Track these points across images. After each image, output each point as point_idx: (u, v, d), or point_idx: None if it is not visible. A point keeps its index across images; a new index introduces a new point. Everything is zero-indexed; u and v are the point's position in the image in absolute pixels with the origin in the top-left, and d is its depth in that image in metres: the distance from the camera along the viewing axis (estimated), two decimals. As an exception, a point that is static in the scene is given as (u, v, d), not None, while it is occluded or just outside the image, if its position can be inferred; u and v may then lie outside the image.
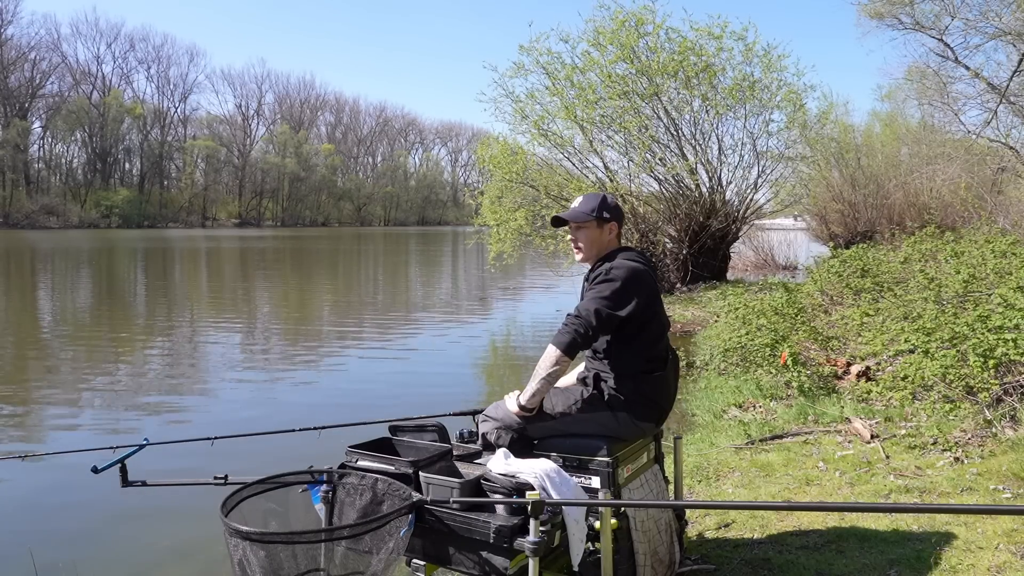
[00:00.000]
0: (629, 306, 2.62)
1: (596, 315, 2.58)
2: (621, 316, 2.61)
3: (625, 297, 2.62)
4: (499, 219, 16.07)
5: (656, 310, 2.74)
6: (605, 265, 2.73)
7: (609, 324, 2.61)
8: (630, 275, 2.66)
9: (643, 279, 2.69)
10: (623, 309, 2.61)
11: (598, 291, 2.64)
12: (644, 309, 2.66)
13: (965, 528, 3.19)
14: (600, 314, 2.59)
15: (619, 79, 15.21)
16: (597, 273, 2.73)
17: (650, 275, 2.76)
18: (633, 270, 2.68)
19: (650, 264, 2.85)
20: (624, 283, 2.63)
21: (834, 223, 23.30)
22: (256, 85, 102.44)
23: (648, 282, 2.72)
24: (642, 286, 2.67)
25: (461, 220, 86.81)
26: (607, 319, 2.60)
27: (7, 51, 77.00)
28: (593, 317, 2.58)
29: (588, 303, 2.63)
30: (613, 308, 2.60)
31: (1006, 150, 14.78)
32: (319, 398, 7.59)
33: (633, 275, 2.66)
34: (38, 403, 7.37)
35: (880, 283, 8.91)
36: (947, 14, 14.39)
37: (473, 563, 2.29)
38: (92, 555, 4.01)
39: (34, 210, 71.41)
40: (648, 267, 2.79)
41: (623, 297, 2.62)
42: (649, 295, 2.69)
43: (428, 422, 2.80)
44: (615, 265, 2.70)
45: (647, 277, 2.73)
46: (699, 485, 4.20)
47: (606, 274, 2.68)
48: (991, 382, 4.54)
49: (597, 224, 2.83)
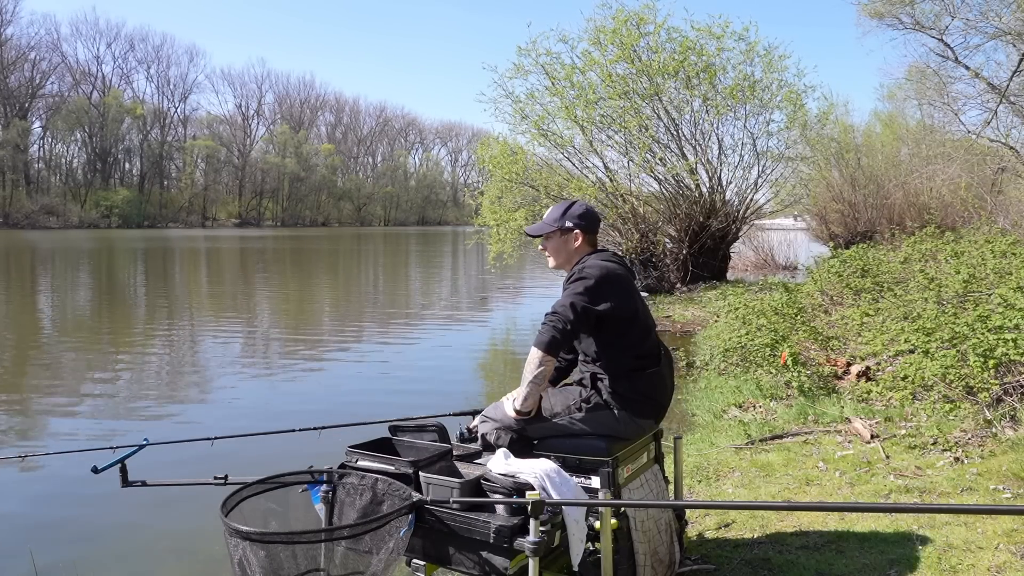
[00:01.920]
0: (604, 302, 2.64)
1: (572, 309, 2.60)
2: (598, 310, 2.63)
3: (599, 293, 2.65)
4: (499, 219, 16.07)
5: (635, 307, 2.75)
6: (577, 266, 2.78)
7: (586, 317, 2.62)
8: (602, 273, 2.69)
9: (616, 277, 2.72)
10: (598, 304, 2.64)
11: (572, 288, 2.68)
12: (621, 305, 2.68)
13: (965, 528, 3.19)
14: (576, 307, 2.60)
15: (619, 79, 15.22)
16: (571, 274, 2.77)
17: (624, 274, 2.79)
18: (605, 268, 2.72)
19: (625, 265, 2.90)
20: (597, 280, 2.66)
21: (834, 223, 23.31)
22: (256, 85, 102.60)
23: (622, 280, 2.75)
24: (615, 284, 2.70)
25: (461, 220, 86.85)
26: (583, 312, 2.61)
27: (7, 51, 77.06)
28: (569, 311, 2.60)
29: (563, 299, 2.66)
30: (588, 302, 2.62)
31: (1006, 150, 14.78)
32: (319, 398, 7.59)
33: (605, 273, 2.70)
34: (38, 403, 7.37)
35: (880, 283, 8.91)
36: (947, 14, 14.42)
37: (473, 563, 2.28)
38: (92, 555, 4.01)
39: (34, 210, 71.44)
40: (622, 266, 2.82)
41: (597, 292, 2.65)
42: (624, 292, 2.72)
43: (428, 422, 2.79)
44: (587, 264, 2.75)
45: (621, 275, 2.76)
46: (699, 485, 4.20)
47: (579, 273, 2.72)
48: (991, 382, 4.54)
49: (560, 233, 2.87)
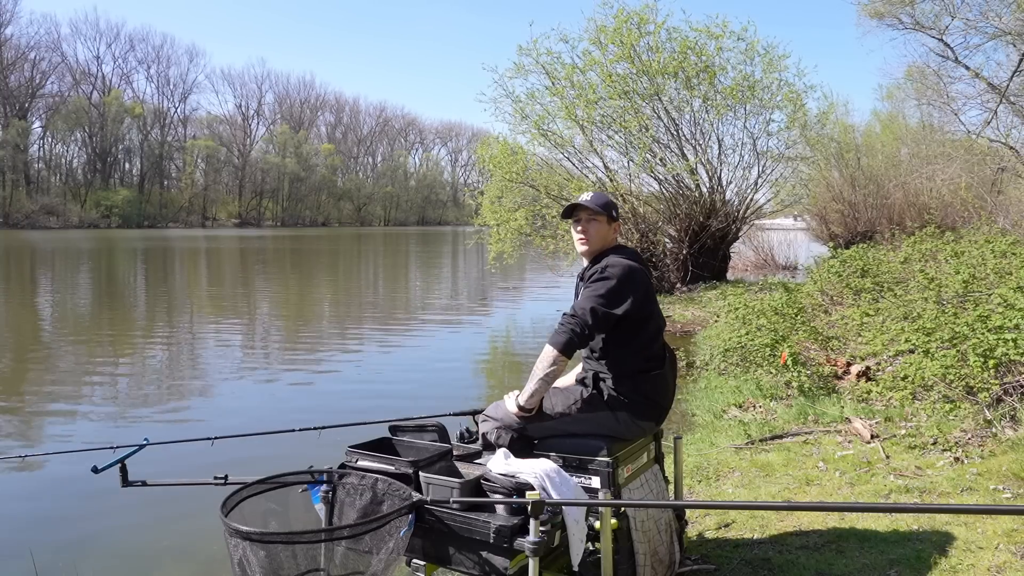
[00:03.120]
0: (624, 304, 2.61)
1: (592, 313, 2.57)
2: (617, 314, 2.60)
3: (621, 295, 2.61)
4: (499, 219, 16.08)
5: (652, 309, 2.73)
6: (600, 263, 2.73)
7: (605, 322, 2.60)
8: (625, 273, 2.65)
9: (638, 278, 2.68)
10: (619, 307, 2.60)
11: (593, 289, 2.64)
12: (639, 308, 2.65)
13: (965, 528, 3.19)
14: (596, 312, 2.58)
15: (620, 79, 15.22)
16: (592, 271, 2.72)
17: (645, 274, 2.75)
18: (629, 268, 2.67)
19: (644, 263, 2.85)
20: (619, 281, 2.62)
21: (834, 223, 23.29)
22: (256, 85, 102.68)
23: (643, 281, 2.71)
24: (637, 285, 2.67)
25: (461, 220, 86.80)
26: (603, 317, 2.59)
27: (7, 51, 77.13)
28: (589, 316, 2.57)
29: (584, 301, 2.62)
30: (609, 306, 2.59)
31: (1006, 150, 14.78)
32: (319, 398, 7.59)
33: (628, 273, 2.66)
34: (38, 403, 7.36)
35: (880, 283, 8.91)
36: (947, 14, 14.42)
37: (473, 563, 2.28)
38: (92, 555, 4.01)
39: (34, 210, 71.48)
40: (643, 266, 2.78)
41: (619, 295, 2.61)
42: (644, 294, 2.69)
43: (428, 422, 2.80)
44: (610, 263, 2.69)
45: (642, 276, 2.72)
46: (699, 485, 4.20)
47: (601, 272, 2.67)
48: (991, 382, 4.53)
49: (608, 220, 2.84)
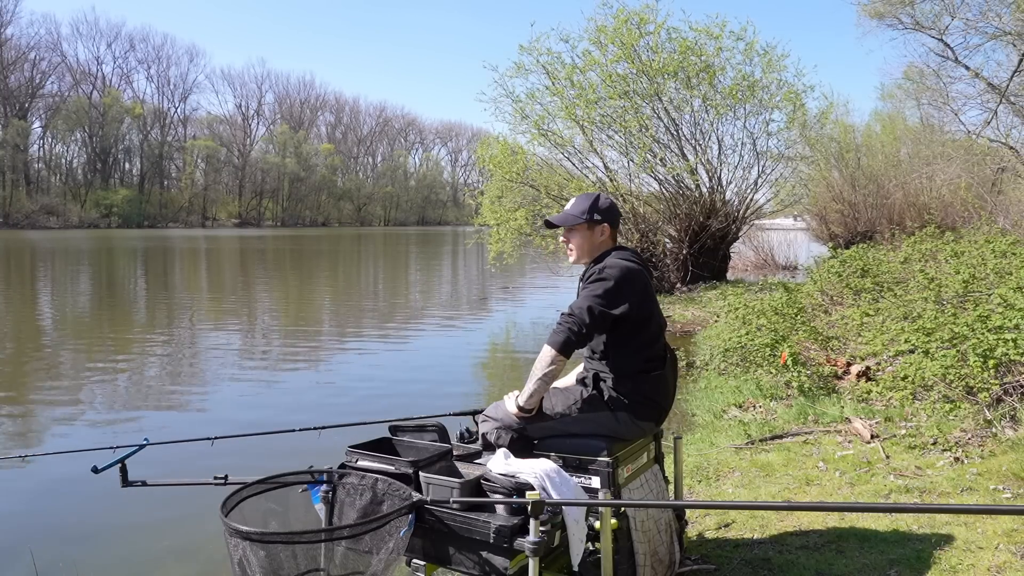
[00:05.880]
0: (622, 304, 2.61)
1: (589, 312, 2.57)
2: (615, 314, 2.60)
3: (618, 295, 2.61)
4: (499, 219, 16.08)
5: (652, 309, 2.73)
6: (600, 264, 2.73)
7: (603, 321, 2.60)
8: (623, 274, 2.65)
9: (636, 278, 2.68)
10: (616, 307, 2.60)
11: (591, 289, 2.64)
12: (638, 308, 2.65)
13: (965, 528, 3.19)
14: (593, 311, 2.58)
15: (620, 79, 15.22)
16: (590, 272, 2.72)
17: (644, 274, 2.74)
18: (626, 268, 2.67)
19: (644, 263, 2.83)
20: (617, 282, 2.63)
21: (834, 223, 23.30)
22: (256, 85, 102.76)
23: (641, 281, 2.71)
24: (635, 285, 2.67)
25: (461, 220, 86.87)
26: (600, 316, 2.59)
27: (7, 51, 77.13)
28: (586, 315, 2.57)
29: (581, 301, 2.62)
30: (606, 306, 2.60)
31: (1006, 150, 14.79)
32: (319, 398, 7.58)
33: (626, 273, 2.66)
34: (38, 403, 7.37)
35: (880, 283, 8.91)
36: (947, 14, 14.44)
37: (473, 563, 2.28)
38: (92, 555, 4.01)
39: (34, 210, 71.52)
40: (642, 266, 2.77)
41: (616, 295, 2.61)
42: (643, 294, 2.68)
43: (428, 422, 2.79)
44: (608, 264, 2.70)
45: (640, 276, 2.71)
46: (699, 485, 4.20)
47: (599, 273, 2.67)
48: (991, 382, 4.53)
49: (587, 226, 2.82)
